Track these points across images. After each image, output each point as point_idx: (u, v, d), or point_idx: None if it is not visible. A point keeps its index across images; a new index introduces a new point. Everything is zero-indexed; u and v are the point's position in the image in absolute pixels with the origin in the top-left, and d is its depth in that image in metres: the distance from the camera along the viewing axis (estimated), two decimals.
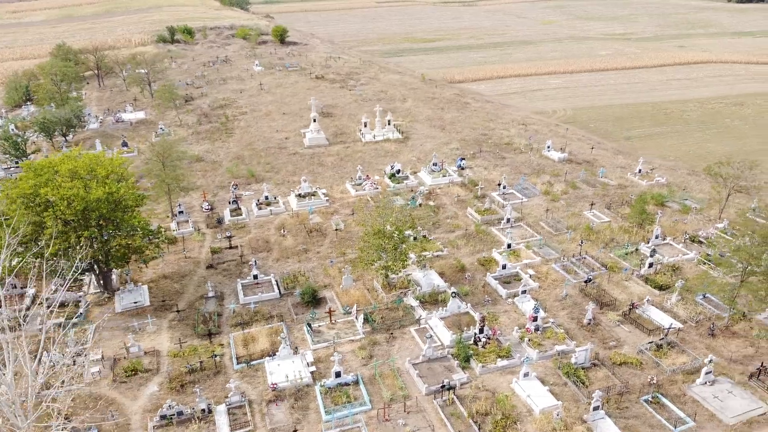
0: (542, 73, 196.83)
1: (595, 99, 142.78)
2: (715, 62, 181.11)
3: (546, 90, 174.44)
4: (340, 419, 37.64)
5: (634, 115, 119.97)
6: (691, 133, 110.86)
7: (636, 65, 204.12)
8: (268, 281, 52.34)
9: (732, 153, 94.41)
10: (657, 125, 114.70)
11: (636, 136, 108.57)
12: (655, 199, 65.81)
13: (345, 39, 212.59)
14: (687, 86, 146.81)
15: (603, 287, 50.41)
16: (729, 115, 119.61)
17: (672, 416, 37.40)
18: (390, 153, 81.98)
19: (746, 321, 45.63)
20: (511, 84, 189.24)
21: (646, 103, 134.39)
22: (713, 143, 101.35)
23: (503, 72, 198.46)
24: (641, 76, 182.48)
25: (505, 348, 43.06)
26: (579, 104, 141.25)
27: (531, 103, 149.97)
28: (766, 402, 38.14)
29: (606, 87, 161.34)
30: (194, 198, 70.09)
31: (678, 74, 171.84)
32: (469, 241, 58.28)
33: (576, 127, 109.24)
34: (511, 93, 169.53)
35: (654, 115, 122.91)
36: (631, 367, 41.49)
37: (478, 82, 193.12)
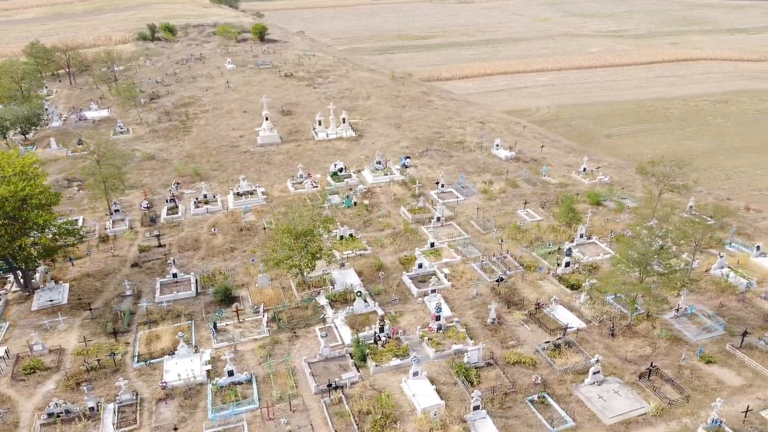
0: (530, 71, 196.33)
1: (580, 96, 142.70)
2: (705, 59, 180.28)
3: (532, 87, 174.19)
4: (224, 418, 37.88)
5: (617, 113, 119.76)
6: (672, 131, 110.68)
7: (625, 62, 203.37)
8: (188, 280, 52.61)
9: (711, 151, 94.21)
10: (638, 123, 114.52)
11: (616, 134, 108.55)
12: (591, 197, 65.69)
13: (337, 36, 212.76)
14: (674, 84, 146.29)
15: (516, 286, 50.46)
16: (712, 113, 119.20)
17: (555, 416, 37.48)
18: (340, 151, 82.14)
19: (650, 321, 45.57)
20: (497, 81, 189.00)
21: (630, 100, 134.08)
22: (692, 141, 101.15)
23: (491, 69, 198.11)
24: (629, 74, 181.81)
25: (404, 347, 43.23)
26: (564, 102, 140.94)
27: (516, 100, 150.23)
28: (650, 402, 38.12)
29: (593, 84, 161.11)
30: (137, 196, 70.44)
31: (666, 72, 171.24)
32: (396, 239, 58.42)
33: (558, 124, 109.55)
34: (496, 90, 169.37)
35: (637, 112, 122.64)
36: (524, 366, 41.59)
37: (465, 80, 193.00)
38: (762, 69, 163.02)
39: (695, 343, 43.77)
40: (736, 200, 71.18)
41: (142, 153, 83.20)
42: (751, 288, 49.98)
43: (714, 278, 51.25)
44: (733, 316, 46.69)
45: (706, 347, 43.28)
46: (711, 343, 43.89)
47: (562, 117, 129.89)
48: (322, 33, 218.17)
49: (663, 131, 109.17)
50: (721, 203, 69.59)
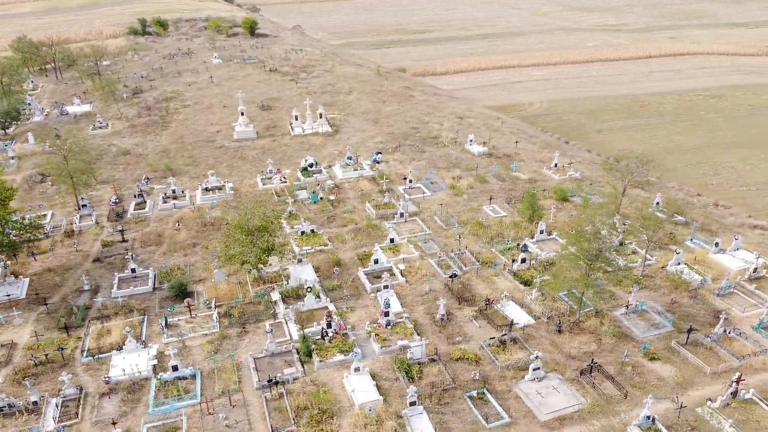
0: (526, 65, 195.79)
1: (574, 91, 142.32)
2: (702, 54, 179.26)
3: (527, 82, 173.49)
4: (164, 413, 38.21)
5: (610, 108, 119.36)
6: (664, 125, 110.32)
7: (621, 57, 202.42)
8: (146, 275, 52.91)
9: (701, 146, 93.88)
10: (631, 118, 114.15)
11: (607, 129, 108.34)
12: (557, 193, 65.68)
13: (335, 30, 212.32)
14: (669, 78, 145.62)
15: (470, 283, 50.56)
16: (705, 108, 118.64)
17: (492, 412, 37.67)
18: (314, 147, 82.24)
19: (599, 317, 45.62)
20: (492, 76, 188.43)
21: (624, 95, 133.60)
22: (684, 136, 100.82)
23: (486, 64, 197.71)
24: (625, 68, 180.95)
25: (350, 343, 43.45)
26: (557, 96, 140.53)
27: (509, 95, 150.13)
28: (588, 398, 38.24)
29: (588, 79, 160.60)
30: (108, 191, 70.76)
31: (662, 66, 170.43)
32: (357, 235, 58.57)
33: (549, 119, 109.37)
34: (490, 85, 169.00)
35: (630, 107, 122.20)
36: (468, 362, 41.73)
37: (460, 74, 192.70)
38: (759, 63, 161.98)
39: (642, 339, 43.84)
40: (706, 196, 71.07)
41: (118, 148, 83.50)
42: (705, 284, 49.92)
43: (669, 275, 51.18)
44: (684, 313, 46.71)
45: (652, 344, 43.37)
46: (658, 339, 43.95)
47: (555, 112, 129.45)
48: (319, 27, 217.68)
49: (655, 126, 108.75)
50: (690, 199, 69.53)
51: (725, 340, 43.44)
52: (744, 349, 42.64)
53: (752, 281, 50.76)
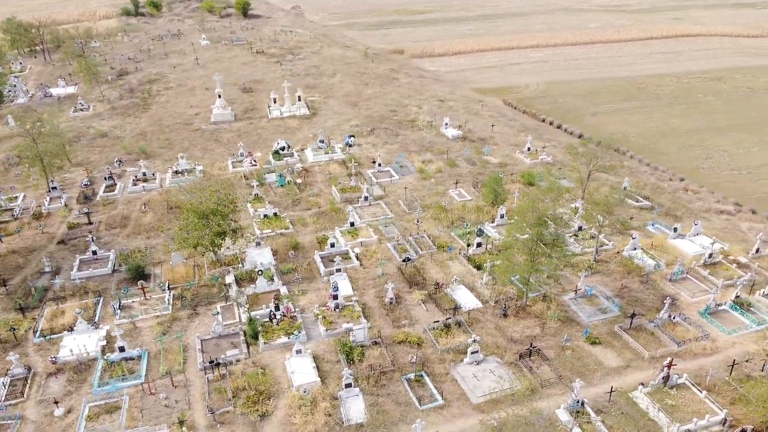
0: (525, 47, 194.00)
1: (572, 73, 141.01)
2: (705, 35, 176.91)
3: (525, 64, 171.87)
4: (107, 392, 39.01)
5: (607, 90, 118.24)
6: (660, 108, 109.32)
7: (622, 38, 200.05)
8: (107, 257, 53.59)
9: (697, 129, 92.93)
10: (627, 100, 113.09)
11: (603, 112, 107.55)
12: (524, 177, 65.64)
13: (335, 11, 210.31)
14: (670, 60, 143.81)
15: (425, 266, 50.89)
16: (703, 91, 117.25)
17: (427, 394, 38.19)
18: (290, 129, 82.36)
19: (546, 302, 45.90)
20: (490, 58, 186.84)
21: (622, 77, 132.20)
22: (679, 119, 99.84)
23: (485, 45, 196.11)
24: (625, 50, 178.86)
25: (296, 325, 44.02)
26: (554, 78, 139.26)
27: (506, 77, 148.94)
28: (522, 382, 38.65)
29: (587, 61, 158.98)
30: (81, 174, 71.33)
31: (663, 48, 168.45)
32: (320, 219, 58.91)
33: (545, 101, 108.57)
34: (488, 67, 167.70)
35: (627, 90, 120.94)
36: (410, 345, 42.19)
37: (458, 56, 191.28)
38: (762, 45, 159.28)
39: (587, 324, 44.12)
40: (675, 181, 70.64)
41: (96, 130, 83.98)
42: (659, 270, 50.03)
43: (623, 260, 51.30)
44: (633, 298, 46.91)
45: (597, 328, 43.68)
46: (603, 324, 44.22)
47: (551, 94, 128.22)
48: (320, 8, 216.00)
49: (651, 109, 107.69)
50: (661, 183, 69.32)
51: (669, 326, 43.64)
52: (686, 334, 42.88)
53: (707, 267, 50.77)
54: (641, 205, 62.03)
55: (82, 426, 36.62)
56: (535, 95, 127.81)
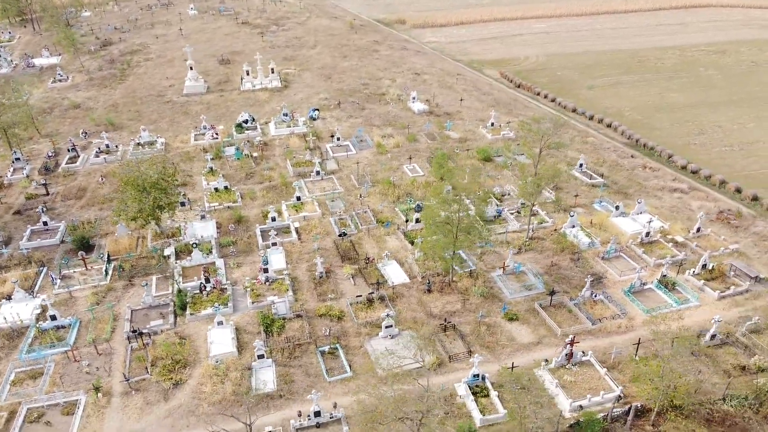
0: (529, 17, 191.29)
1: (574, 45, 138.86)
2: (714, 6, 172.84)
3: (526, 35, 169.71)
4: (33, 359, 40.60)
5: (607, 63, 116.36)
6: (659, 82, 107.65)
7: (629, 9, 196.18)
8: (57, 228, 54.94)
9: (694, 103, 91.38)
10: (626, 73, 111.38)
11: (600, 85, 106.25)
12: (480, 153, 65.73)
13: None
14: (675, 32, 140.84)
15: (361, 241, 51.65)
16: (705, 64, 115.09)
17: (337, 366, 39.32)
18: (259, 102, 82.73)
19: (474, 278, 46.56)
20: (492, 29, 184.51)
21: (624, 50, 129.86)
22: (677, 93, 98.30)
23: (488, 16, 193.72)
24: (631, 21, 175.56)
25: (224, 297, 45.19)
26: (555, 50, 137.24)
27: (506, 48, 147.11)
28: (437, 356, 39.52)
29: (590, 32, 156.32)
30: (48, 145, 72.56)
31: (670, 19, 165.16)
32: (269, 192, 59.70)
33: (542, 74, 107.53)
34: (489, 38, 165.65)
35: (627, 62, 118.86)
36: (330, 318, 43.20)
37: (460, 27, 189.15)
38: None
39: (510, 300, 44.79)
40: (639, 158, 70.18)
41: (70, 102, 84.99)
42: (593, 247, 50.36)
43: (559, 237, 51.63)
44: (561, 275, 47.41)
45: (519, 305, 44.36)
46: (525, 301, 44.87)
47: (549, 67, 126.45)
48: None
49: (650, 82, 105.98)
50: (622, 161, 68.97)
51: (590, 304, 44.15)
52: (605, 312, 43.41)
53: (643, 245, 50.96)
54: (594, 182, 61.97)
55: (6, 390, 38.21)
56: (533, 68, 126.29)
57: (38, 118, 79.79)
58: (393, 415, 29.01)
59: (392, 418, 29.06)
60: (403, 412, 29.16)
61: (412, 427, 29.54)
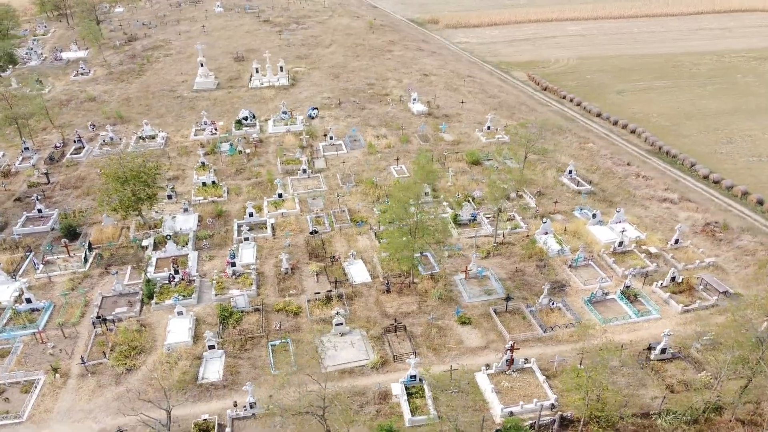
0: (564, 19, 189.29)
1: (608, 48, 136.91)
2: (761, 11, 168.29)
3: (560, 37, 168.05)
4: (4, 338, 43.03)
5: (640, 67, 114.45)
6: (692, 88, 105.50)
7: (670, 12, 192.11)
8: (51, 216, 57.67)
9: (726, 111, 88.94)
10: (659, 79, 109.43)
11: (629, 90, 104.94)
12: (469, 156, 65.90)
13: None
14: (716, 37, 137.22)
15: (333, 239, 52.63)
16: (744, 71, 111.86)
17: (286, 361, 40.40)
18: (264, 99, 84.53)
19: (435, 280, 47.00)
20: (526, 30, 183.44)
21: (660, 54, 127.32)
22: (709, 100, 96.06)
23: (522, 17, 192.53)
24: (671, 25, 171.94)
25: (190, 288, 46.84)
26: (587, 53, 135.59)
27: (537, 50, 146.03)
28: (379, 355, 40.25)
29: (626, 36, 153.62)
30: (58, 137, 75.88)
31: (713, 23, 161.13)
32: (255, 188, 61.22)
33: (571, 77, 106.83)
34: (521, 39, 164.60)
35: (662, 67, 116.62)
36: (287, 314, 44.33)
37: (493, 28, 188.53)
38: None
39: (467, 304, 45.07)
40: (635, 166, 69.03)
41: (87, 95, 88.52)
42: (562, 255, 50.13)
43: (530, 243, 51.51)
44: (524, 282, 47.37)
45: (476, 309, 44.58)
46: (482, 305, 45.04)
47: (579, 70, 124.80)
48: None
49: (682, 88, 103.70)
50: (617, 168, 68.05)
51: (547, 311, 44.06)
52: (560, 320, 43.26)
53: (616, 255, 50.44)
54: (581, 189, 61.43)
55: None
56: (563, 70, 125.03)
57: (54, 110, 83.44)
58: (296, 408, 30.06)
59: (294, 411, 30.15)
60: (310, 406, 30.17)
61: (320, 421, 30.49)
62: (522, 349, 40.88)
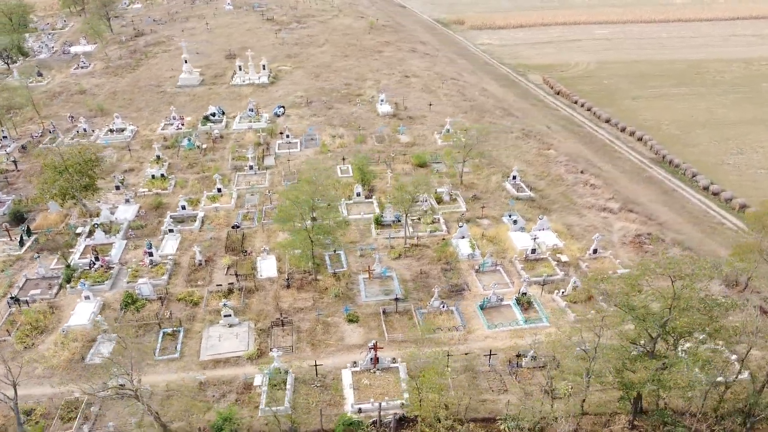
0: (592, 22, 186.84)
1: (632, 53, 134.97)
2: None
3: (585, 41, 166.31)
4: None
5: (662, 73, 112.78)
6: (712, 96, 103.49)
7: (704, 17, 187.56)
8: (6, 201, 61.29)
9: (742, 121, 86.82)
10: (678, 85, 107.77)
11: (645, 96, 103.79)
12: (415, 159, 66.68)
13: None
14: (749, 44, 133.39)
15: (254, 234, 54.44)
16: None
17: (172, 348, 42.43)
18: (241, 97, 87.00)
19: (337, 278, 48.24)
20: (551, 32, 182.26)
21: (685, 60, 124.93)
22: (727, 109, 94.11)
23: (549, 19, 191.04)
24: (703, 30, 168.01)
25: (106, 275, 49.40)
26: (609, 58, 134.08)
27: (558, 54, 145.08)
28: (257, 347, 41.84)
29: (653, 40, 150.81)
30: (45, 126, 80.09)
31: (748, 30, 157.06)
32: (200, 182, 63.60)
33: (588, 81, 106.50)
34: (544, 42, 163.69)
35: (684, 73, 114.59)
36: (186, 303, 46.36)
37: (518, 29, 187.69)
38: None
39: (363, 303, 46.16)
40: (587, 174, 68.43)
41: (78, 87, 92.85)
42: (473, 259, 50.61)
43: (442, 246, 52.11)
44: (426, 284, 48.10)
45: (370, 308, 45.60)
46: (377, 304, 46.00)
47: (598, 75, 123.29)
48: None
49: (701, 96, 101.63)
50: (567, 175, 67.68)
51: (436, 314, 44.73)
52: (448, 323, 43.91)
53: (528, 261, 50.61)
54: (520, 195, 61.49)
55: None
56: (581, 74, 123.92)
57: (45, 101, 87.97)
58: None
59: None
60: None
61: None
62: (400, 349, 41.73)
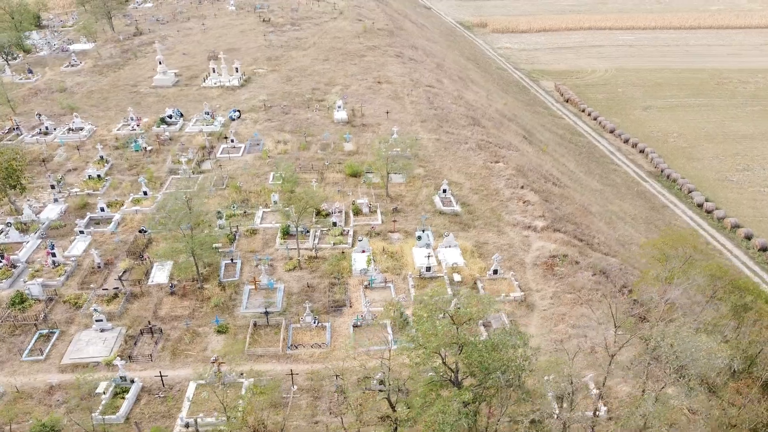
0: (618, 28, 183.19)
1: (655, 60, 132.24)
2: None
3: (606, 46, 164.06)
4: None
5: (679, 82, 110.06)
6: (727, 108, 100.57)
7: (737, 25, 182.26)
8: None
9: (756, 135, 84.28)
10: (695, 96, 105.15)
11: (658, 107, 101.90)
12: (348, 168, 66.37)
13: None
14: None
15: (161, 241, 55.13)
16: None
17: (43, 349, 43.54)
18: (207, 99, 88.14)
19: (222, 287, 48.52)
20: (573, 37, 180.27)
21: (707, 69, 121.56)
22: (742, 122, 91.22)
23: (573, 24, 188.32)
24: (733, 38, 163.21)
25: (8, 273, 51.01)
26: (628, 65, 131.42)
27: (576, 59, 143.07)
28: (117, 354, 42.50)
29: (678, 48, 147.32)
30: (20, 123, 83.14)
31: None
32: (133, 185, 64.85)
33: (601, 89, 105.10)
34: (565, 47, 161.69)
35: (703, 84, 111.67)
36: (70, 305, 47.43)
37: (540, 33, 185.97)
38: None
39: (240, 314, 46.33)
40: (526, 190, 66.66)
41: (59, 85, 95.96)
42: (365, 274, 50.12)
43: (337, 260, 51.72)
44: (309, 297, 47.86)
45: (245, 320, 45.74)
46: (254, 316, 46.08)
47: (613, 82, 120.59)
48: None
49: (716, 108, 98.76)
50: (504, 190, 66.18)
51: (308, 330, 44.52)
52: (316, 339, 43.65)
53: (422, 280, 49.78)
54: (446, 209, 60.50)
55: None
56: (596, 82, 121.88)
57: (27, 98, 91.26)
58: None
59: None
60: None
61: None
62: (257, 364, 41.69)
